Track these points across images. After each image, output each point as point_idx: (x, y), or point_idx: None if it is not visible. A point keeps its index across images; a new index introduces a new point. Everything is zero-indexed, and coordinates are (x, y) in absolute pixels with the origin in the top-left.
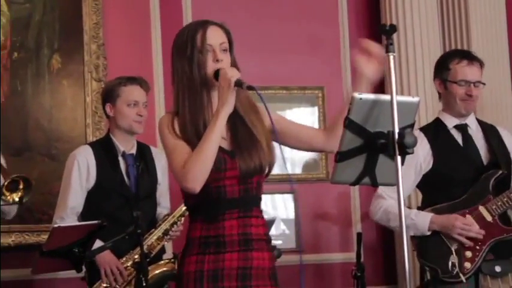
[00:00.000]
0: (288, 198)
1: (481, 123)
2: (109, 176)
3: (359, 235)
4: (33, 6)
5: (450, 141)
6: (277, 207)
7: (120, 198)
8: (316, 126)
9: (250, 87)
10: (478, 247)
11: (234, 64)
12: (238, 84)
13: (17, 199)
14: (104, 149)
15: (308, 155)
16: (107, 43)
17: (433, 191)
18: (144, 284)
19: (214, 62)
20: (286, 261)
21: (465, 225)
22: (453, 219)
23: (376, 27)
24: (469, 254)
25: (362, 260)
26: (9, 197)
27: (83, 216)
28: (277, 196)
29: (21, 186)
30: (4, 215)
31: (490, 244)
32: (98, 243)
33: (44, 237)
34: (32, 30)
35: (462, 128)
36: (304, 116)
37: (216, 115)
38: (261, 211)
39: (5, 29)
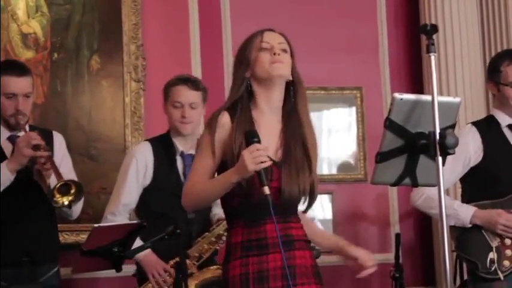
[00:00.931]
0: (326, 199)
1: None
2: (165, 174)
3: (397, 236)
4: (73, 7)
5: (502, 140)
6: (315, 207)
7: (174, 198)
8: (354, 126)
9: (266, 197)
10: None
11: (294, 71)
12: (259, 175)
13: (66, 203)
14: (163, 147)
15: (345, 156)
16: (146, 44)
17: (477, 186)
18: (183, 285)
19: (271, 56)
20: (325, 262)
21: (509, 222)
22: (497, 215)
23: (414, 26)
24: (509, 252)
25: (400, 261)
26: (59, 200)
27: (136, 213)
28: None
29: (72, 191)
30: (68, 215)
31: None
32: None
33: (83, 236)
34: (72, 31)
35: None
36: (342, 117)
37: (227, 179)
38: (299, 219)
39: (45, 30)
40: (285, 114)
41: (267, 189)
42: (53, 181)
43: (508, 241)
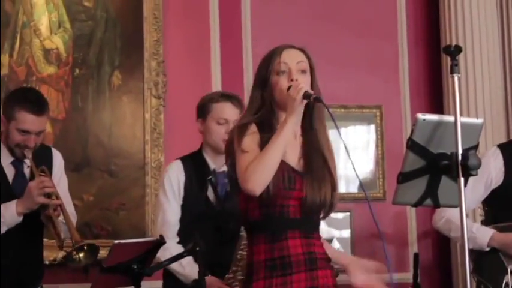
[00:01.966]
0: (344, 217)
1: None
2: (195, 193)
3: (416, 255)
4: (95, 23)
5: None
6: (333, 226)
7: (205, 217)
8: (373, 145)
9: (317, 99)
10: None
11: (313, 87)
12: (307, 95)
13: (83, 260)
14: (195, 165)
15: (364, 174)
16: (167, 60)
17: (499, 208)
18: None
19: (288, 82)
20: (342, 281)
21: None
22: None
23: (435, 46)
24: None
25: (418, 280)
26: (76, 256)
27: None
28: (332, 215)
29: (85, 247)
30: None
31: None
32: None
33: (103, 252)
34: (94, 47)
35: None
36: (361, 135)
37: (283, 123)
38: (319, 236)
39: (67, 46)
40: (304, 126)
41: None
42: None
43: None
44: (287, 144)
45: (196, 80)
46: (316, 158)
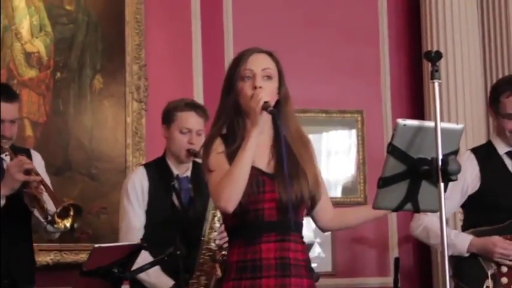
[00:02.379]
0: None
1: None
2: (159, 200)
3: (396, 260)
4: (77, 27)
5: (500, 166)
6: (314, 231)
7: (170, 223)
8: (354, 149)
9: (271, 112)
10: None
11: (285, 94)
12: (264, 107)
13: (68, 225)
14: (158, 171)
15: (346, 178)
16: (149, 64)
17: (477, 213)
18: None
19: (252, 90)
20: (322, 285)
21: (506, 250)
22: (492, 244)
23: (416, 51)
24: (504, 280)
25: (399, 285)
26: (60, 224)
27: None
28: None
29: (71, 213)
30: (51, 235)
31: None
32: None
33: (83, 256)
34: (75, 50)
35: None
36: (343, 140)
37: (247, 136)
38: (301, 237)
39: (48, 49)
40: (274, 129)
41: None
42: (50, 206)
43: (504, 268)
44: (256, 149)
45: (178, 84)
46: (288, 157)
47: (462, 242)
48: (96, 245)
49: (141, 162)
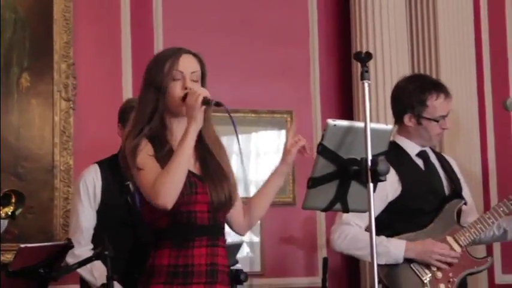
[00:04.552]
0: None
1: (433, 151)
2: (113, 199)
3: (325, 260)
4: (4, 24)
5: (415, 169)
6: None
7: (123, 224)
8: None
9: (218, 104)
10: (450, 279)
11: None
12: (206, 101)
13: (9, 213)
14: (112, 170)
15: None
16: (77, 63)
17: (398, 219)
18: None
19: (182, 90)
20: (251, 285)
21: (444, 251)
22: (431, 245)
23: (346, 53)
24: (442, 286)
25: (327, 284)
26: (1, 212)
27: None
28: None
29: (13, 200)
30: None
31: (462, 276)
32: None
33: (8, 256)
34: (2, 48)
35: (424, 156)
36: (272, 140)
37: (185, 132)
38: (225, 240)
39: None
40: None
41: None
42: None
43: (439, 274)
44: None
45: (107, 83)
46: (211, 159)
47: (397, 247)
48: (22, 245)
49: (68, 161)
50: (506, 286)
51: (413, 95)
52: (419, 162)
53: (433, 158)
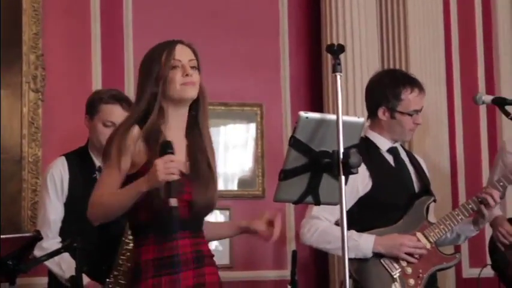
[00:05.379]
0: (223, 215)
1: (404, 148)
2: (80, 191)
3: (294, 253)
4: None
5: (385, 165)
6: None
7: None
8: (253, 143)
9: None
10: (420, 275)
11: (202, 88)
12: (168, 188)
13: None
14: (79, 162)
15: (244, 172)
16: (46, 54)
17: (368, 214)
18: None
19: (183, 77)
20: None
21: (412, 243)
22: (400, 238)
23: (316, 45)
24: (412, 281)
25: (296, 277)
26: None
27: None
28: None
29: None
30: None
31: (431, 272)
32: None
33: None
34: None
35: (394, 152)
36: (242, 133)
37: (136, 188)
38: (204, 233)
39: None
40: (188, 128)
41: (173, 201)
42: None
43: (408, 269)
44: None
45: (76, 75)
46: (202, 159)
47: (366, 241)
48: None
49: (37, 153)
50: (473, 280)
51: (388, 89)
52: (390, 158)
53: (403, 155)
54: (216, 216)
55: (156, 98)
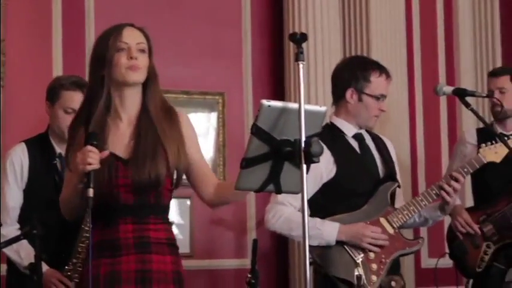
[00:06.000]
0: (183, 204)
1: (370, 133)
2: (40, 178)
3: (254, 242)
4: None
5: (349, 151)
6: (172, 212)
7: (50, 203)
8: (214, 132)
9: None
10: (382, 260)
11: (152, 70)
12: (87, 177)
13: None
14: (40, 149)
15: (206, 160)
16: (7, 39)
17: (333, 200)
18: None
19: (128, 60)
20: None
21: (375, 234)
22: (362, 228)
23: (278, 34)
24: (374, 266)
25: (257, 267)
26: None
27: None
28: (172, 201)
29: None
30: None
31: (394, 257)
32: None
33: None
34: None
35: (359, 138)
36: (204, 122)
37: (69, 181)
38: (164, 218)
39: None
40: (141, 110)
41: (90, 192)
42: None
43: (371, 255)
44: (116, 133)
45: (37, 61)
46: (146, 138)
47: (330, 230)
48: None
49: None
50: (432, 270)
51: (358, 70)
52: (355, 144)
53: (368, 141)
54: (176, 205)
55: (104, 83)
